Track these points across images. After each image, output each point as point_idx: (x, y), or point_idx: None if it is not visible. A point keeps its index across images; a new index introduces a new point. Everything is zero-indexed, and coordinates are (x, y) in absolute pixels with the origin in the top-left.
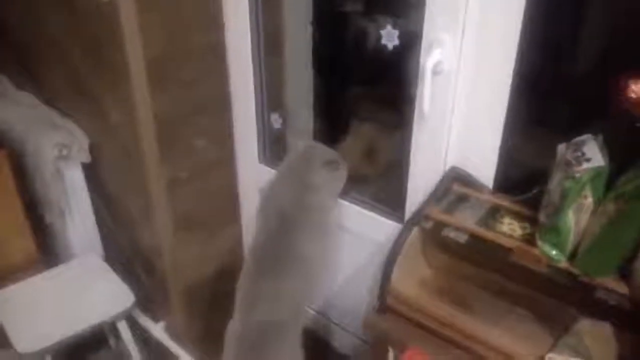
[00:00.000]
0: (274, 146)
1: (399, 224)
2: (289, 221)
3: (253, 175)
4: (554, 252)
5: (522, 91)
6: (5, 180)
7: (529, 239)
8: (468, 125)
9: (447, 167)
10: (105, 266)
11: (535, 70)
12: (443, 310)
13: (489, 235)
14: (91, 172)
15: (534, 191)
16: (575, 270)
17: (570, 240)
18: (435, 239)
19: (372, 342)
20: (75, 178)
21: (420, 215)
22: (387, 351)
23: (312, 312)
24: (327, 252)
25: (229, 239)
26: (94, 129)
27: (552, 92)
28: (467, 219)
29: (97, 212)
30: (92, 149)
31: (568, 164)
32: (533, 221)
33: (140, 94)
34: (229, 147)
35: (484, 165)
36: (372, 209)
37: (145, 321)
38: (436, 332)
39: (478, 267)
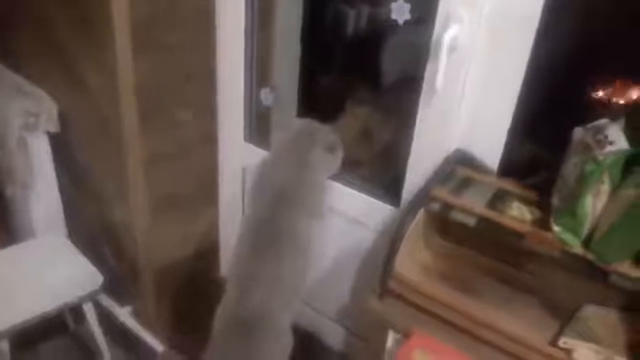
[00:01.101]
0: (261, 124)
1: (393, 207)
2: (286, 198)
3: (237, 154)
4: (569, 237)
5: (537, 75)
6: None
7: (540, 224)
8: (478, 107)
9: (452, 149)
10: (70, 245)
11: (552, 54)
12: (448, 294)
13: (501, 218)
14: (59, 143)
15: (542, 176)
16: (590, 256)
17: (586, 225)
18: (442, 221)
19: (371, 328)
20: (41, 149)
21: (425, 197)
22: (385, 338)
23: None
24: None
25: (206, 221)
26: (65, 97)
27: (568, 78)
28: (475, 202)
29: (63, 187)
30: (62, 118)
31: (588, 147)
32: (541, 206)
33: (122, 58)
34: (213, 123)
35: (490, 149)
36: (366, 191)
37: (110, 305)
38: (440, 317)
39: (484, 251)
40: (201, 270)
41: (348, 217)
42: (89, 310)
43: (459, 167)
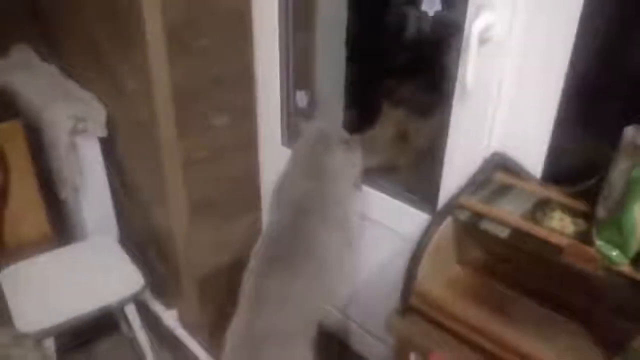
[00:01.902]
0: (299, 128)
1: (430, 215)
2: (304, 214)
3: (276, 158)
4: (614, 253)
5: (583, 68)
6: (20, 152)
7: (584, 238)
8: (516, 105)
9: (489, 153)
10: (118, 247)
11: (600, 40)
12: (474, 313)
13: (536, 230)
14: (108, 147)
15: (592, 182)
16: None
17: (634, 240)
18: (471, 232)
19: (394, 345)
20: (91, 153)
21: (454, 205)
22: (409, 356)
23: (332, 311)
24: (347, 250)
25: (248, 226)
26: (112, 102)
27: (622, 66)
28: (510, 212)
29: (113, 190)
30: (110, 123)
31: (638, 149)
32: (589, 217)
33: (157, 61)
34: (251, 127)
35: (532, 152)
36: (403, 199)
37: (157, 307)
38: (465, 338)
39: (519, 267)
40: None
41: (382, 224)
42: (131, 312)
43: (497, 173)
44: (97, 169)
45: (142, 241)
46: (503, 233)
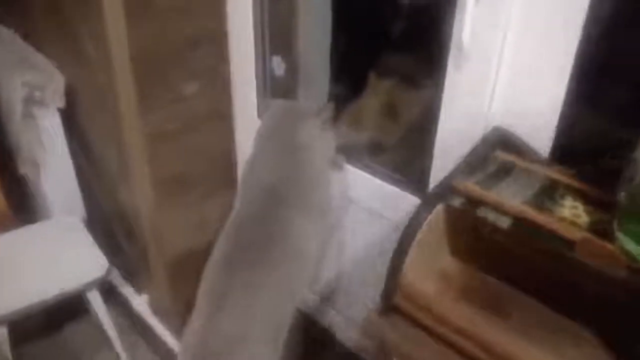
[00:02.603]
0: (275, 98)
1: (420, 199)
2: (275, 200)
3: (251, 132)
4: (637, 248)
5: (604, 19)
6: None
7: (601, 230)
8: (521, 70)
9: (489, 128)
10: (82, 228)
11: None
12: (468, 315)
13: (543, 220)
14: (71, 119)
15: (612, 161)
16: None
17: None
18: (467, 221)
19: (374, 350)
20: (51, 125)
21: (446, 189)
22: None
23: (314, 297)
24: (326, 240)
25: (223, 205)
26: (73, 70)
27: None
28: (512, 197)
29: (78, 166)
30: (71, 93)
31: None
32: (607, 206)
33: (114, 24)
34: (225, 97)
35: (538, 127)
36: (390, 180)
37: (127, 292)
38: (455, 345)
39: (521, 261)
40: None
41: (368, 208)
42: (94, 298)
43: (498, 151)
44: (58, 143)
45: (109, 221)
46: (504, 223)
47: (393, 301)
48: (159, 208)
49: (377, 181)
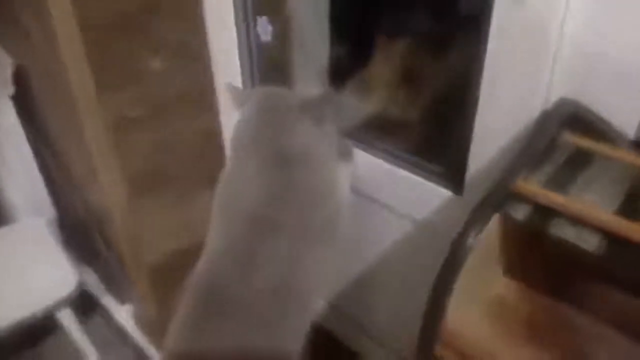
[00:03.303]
0: (265, 69)
1: (453, 193)
2: (268, 230)
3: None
4: None
5: None
6: None
7: None
8: (596, 18)
9: (552, 99)
10: (49, 235)
11: None
12: None
13: None
14: (27, 109)
15: None
16: None
17: None
18: (533, 239)
19: None
20: (6, 117)
21: (503, 192)
22: None
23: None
24: (330, 267)
25: (208, 203)
26: (22, 52)
27: None
28: (599, 202)
29: (43, 162)
30: (22, 79)
31: None
32: None
33: None
34: (203, 71)
35: (624, 98)
36: (411, 168)
37: (108, 302)
38: None
39: (610, 290)
40: None
41: (384, 202)
42: (65, 317)
43: (566, 133)
44: (17, 137)
45: (83, 223)
46: (590, 243)
47: (434, 353)
48: (133, 209)
49: (395, 169)
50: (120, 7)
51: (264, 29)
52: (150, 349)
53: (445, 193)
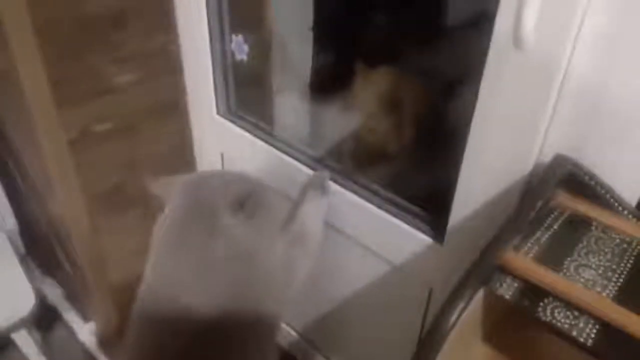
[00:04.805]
0: (239, 88)
1: (434, 241)
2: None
3: (210, 133)
4: None
5: None
6: None
7: None
8: (604, 69)
9: (547, 156)
10: (7, 249)
11: None
12: None
13: None
14: None
15: None
16: None
17: None
18: (518, 317)
19: None
20: None
21: (490, 263)
22: None
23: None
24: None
25: None
26: None
27: None
28: (596, 283)
29: (4, 171)
30: None
31: None
32: None
33: None
34: (175, 86)
35: (627, 158)
36: (390, 210)
37: (71, 318)
38: None
39: None
40: None
41: (362, 243)
42: (21, 339)
43: (561, 195)
44: None
45: (46, 236)
46: (586, 333)
47: None
48: (96, 228)
49: (373, 209)
50: (83, 17)
51: (240, 48)
52: None
53: (425, 239)
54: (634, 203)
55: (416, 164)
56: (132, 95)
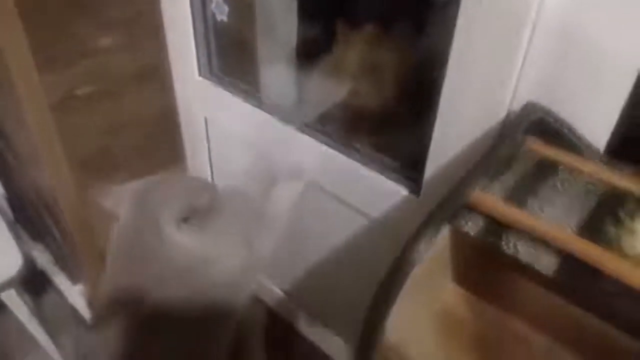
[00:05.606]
0: (223, 51)
1: (411, 193)
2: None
3: (192, 96)
4: None
5: None
6: None
7: None
8: (574, 8)
9: (519, 104)
10: None
11: None
12: None
13: (610, 264)
14: None
15: None
16: None
17: None
18: (485, 255)
19: None
20: None
21: (458, 202)
22: None
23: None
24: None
25: None
26: None
27: None
28: (561, 218)
29: None
30: None
31: None
32: None
33: None
34: (157, 49)
35: (592, 103)
36: (369, 164)
37: (61, 281)
38: None
39: (565, 309)
40: None
41: (338, 197)
42: (9, 298)
43: (530, 140)
44: None
45: (34, 204)
46: (547, 265)
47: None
48: (82, 194)
49: (352, 163)
50: None
51: (220, 9)
52: None
53: (402, 192)
54: (602, 149)
55: (397, 122)
56: (114, 58)
